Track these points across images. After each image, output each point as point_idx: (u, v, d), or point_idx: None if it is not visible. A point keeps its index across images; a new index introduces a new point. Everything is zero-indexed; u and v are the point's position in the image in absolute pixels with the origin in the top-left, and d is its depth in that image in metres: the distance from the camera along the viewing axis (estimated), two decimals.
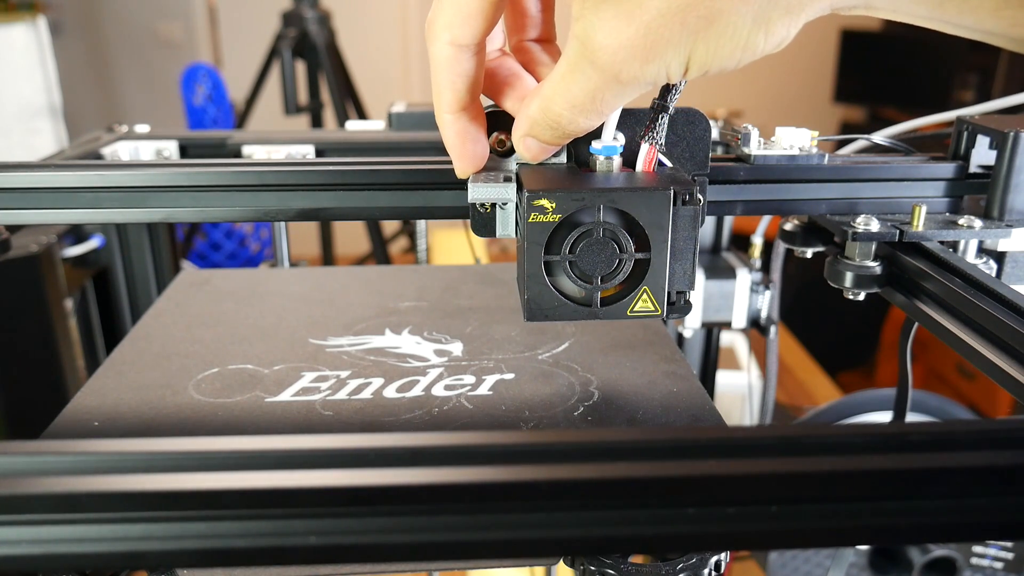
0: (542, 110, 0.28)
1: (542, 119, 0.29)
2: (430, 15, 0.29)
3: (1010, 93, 0.43)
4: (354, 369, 0.37)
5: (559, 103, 0.28)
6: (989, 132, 0.38)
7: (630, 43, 0.25)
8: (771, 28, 0.24)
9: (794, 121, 0.43)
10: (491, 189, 0.31)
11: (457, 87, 0.30)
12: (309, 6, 1.61)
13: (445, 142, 0.31)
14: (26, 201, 0.35)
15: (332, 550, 0.21)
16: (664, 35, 0.24)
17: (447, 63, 0.29)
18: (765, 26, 0.24)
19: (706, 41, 0.24)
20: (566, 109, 0.28)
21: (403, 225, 1.98)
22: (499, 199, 0.31)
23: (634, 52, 0.25)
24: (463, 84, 0.30)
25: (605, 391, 0.35)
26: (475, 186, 0.31)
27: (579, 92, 0.27)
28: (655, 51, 0.25)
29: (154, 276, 0.60)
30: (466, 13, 0.28)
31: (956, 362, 2.00)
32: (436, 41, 0.29)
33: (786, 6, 0.24)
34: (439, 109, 0.30)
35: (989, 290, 0.32)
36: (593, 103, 0.27)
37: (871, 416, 0.62)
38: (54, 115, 1.49)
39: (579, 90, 0.27)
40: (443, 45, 0.29)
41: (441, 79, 0.30)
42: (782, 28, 0.25)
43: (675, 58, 0.25)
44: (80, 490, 0.20)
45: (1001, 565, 0.60)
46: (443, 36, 0.29)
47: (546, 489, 0.21)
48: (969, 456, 0.21)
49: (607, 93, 0.27)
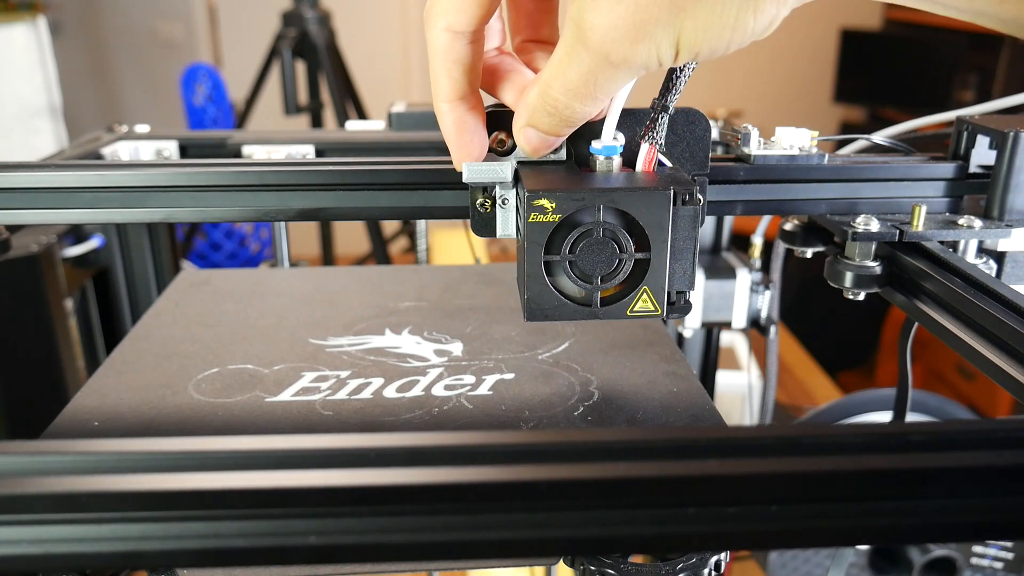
0: (540, 96, 0.28)
1: (540, 105, 0.29)
2: (428, 2, 0.29)
3: (1010, 93, 0.43)
4: (354, 369, 0.37)
5: (556, 87, 0.28)
6: (989, 132, 0.38)
7: (620, 22, 0.25)
8: (760, 6, 0.25)
9: (794, 121, 0.43)
10: (486, 169, 0.31)
11: (454, 75, 0.30)
12: (309, 6, 1.61)
13: (443, 132, 0.31)
14: (26, 201, 0.35)
15: (332, 550, 0.21)
16: (653, 13, 0.25)
17: (444, 50, 0.29)
18: (754, 4, 0.24)
19: (694, 18, 0.25)
20: (562, 94, 0.28)
21: (403, 225, 1.98)
22: (495, 179, 0.31)
23: (624, 32, 0.25)
24: (460, 72, 0.30)
25: (605, 391, 0.35)
26: (470, 166, 0.31)
27: (574, 76, 0.27)
28: (644, 30, 0.25)
29: (154, 276, 0.60)
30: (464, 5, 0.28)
31: (956, 362, 2.00)
32: (433, 28, 0.29)
33: None
34: (436, 98, 0.30)
35: (989, 290, 0.32)
36: (587, 86, 0.27)
37: (871, 416, 0.62)
38: (54, 115, 1.49)
39: (574, 74, 0.27)
40: (440, 32, 0.29)
41: (438, 66, 0.30)
42: (771, 7, 0.25)
43: (664, 38, 0.25)
44: (80, 490, 0.20)
45: (1001, 565, 0.60)
46: (439, 22, 0.29)
47: (546, 489, 0.21)
48: (969, 456, 0.21)
49: (600, 76, 0.27)
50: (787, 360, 1.37)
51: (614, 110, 0.31)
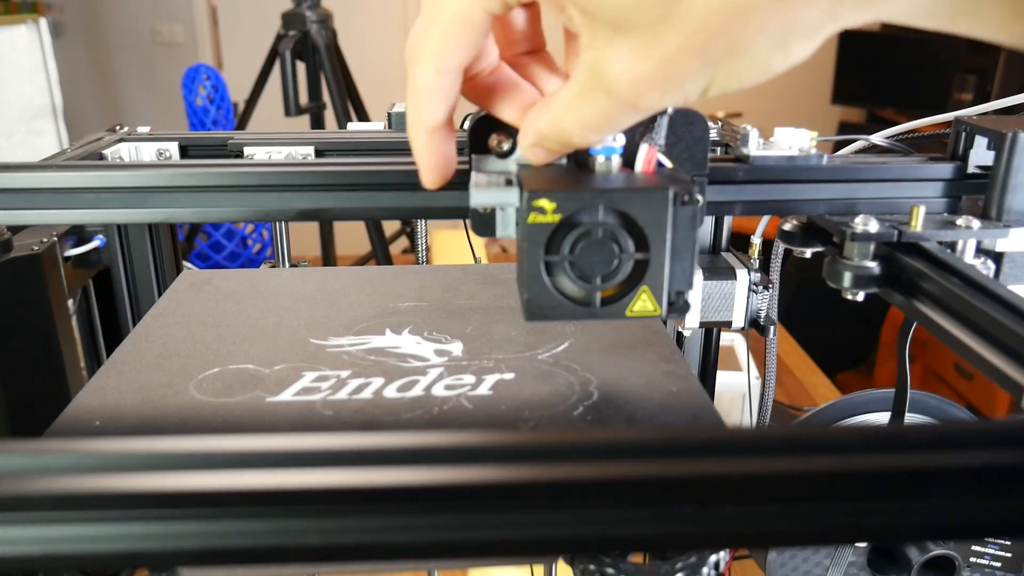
0: (552, 127, 0.28)
1: (551, 135, 0.29)
2: (412, 40, 0.29)
3: (1008, 94, 0.43)
4: (354, 369, 0.37)
5: (570, 123, 0.28)
6: (987, 133, 0.39)
7: (649, 77, 0.25)
8: (790, 51, 0.24)
9: (793, 122, 0.43)
10: (493, 194, 0.31)
11: (437, 109, 0.29)
12: (310, 7, 1.61)
13: (415, 155, 0.31)
14: (28, 201, 0.35)
15: (332, 550, 0.21)
16: (683, 68, 0.24)
17: (431, 89, 0.29)
18: (784, 50, 0.24)
19: (727, 70, 0.24)
20: (578, 128, 0.28)
21: (403, 225, 1.98)
22: (502, 203, 0.31)
23: (653, 84, 0.25)
24: (444, 105, 0.29)
25: (605, 391, 0.35)
26: (477, 191, 0.31)
27: (592, 116, 0.27)
28: (675, 83, 0.25)
29: (155, 276, 0.61)
30: (454, 43, 0.28)
31: (955, 362, 2.00)
32: (420, 68, 0.28)
33: (804, 30, 0.24)
34: (416, 127, 0.30)
35: (987, 290, 0.32)
36: (607, 125, 0.27)
37: (870, 416, 0.62)
38: (55, 116, 1.49)
39: (592, 114, 0.27)
40: (428, 72, 0.28)
41: (421, 102, 0.29)
42: (800, 50, 0.25)
43: (694, 86, 0.25)
44: (81, 489, 0.20)
45: (1000, 564, 0.60)
46: (429, 65, 0.28)
47: (546, 489, 0.21)
48: (967, 456, 0.21)
49: (623, 117, 0.27)
50: (786, 360, 1.37)
51: None
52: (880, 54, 2.84)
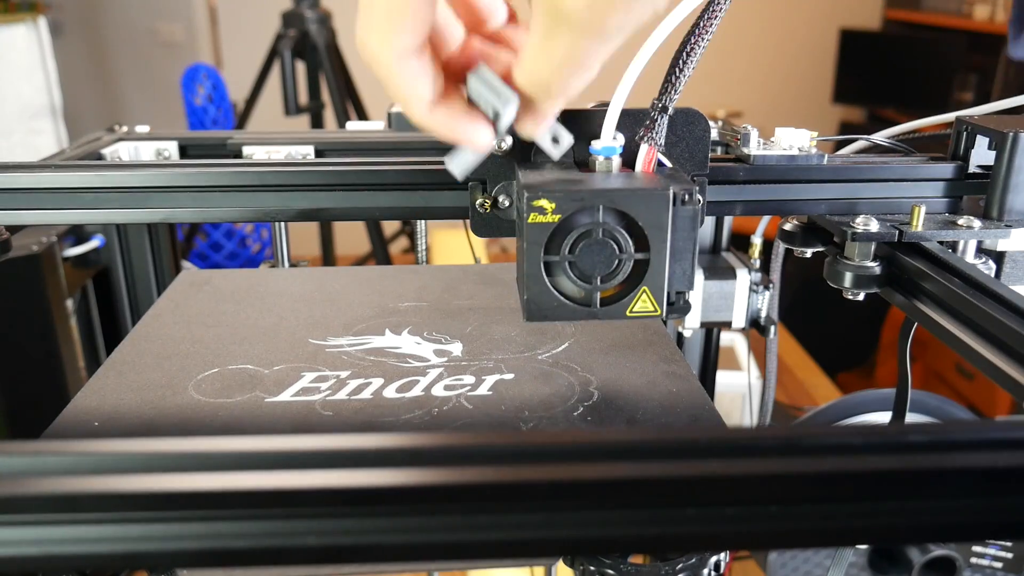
0: (529, 80, 0.27)
1: (531, 89, 0.28)
2: (360, 36, 0.27)
3: (1009, 94, 0.43)
4: (354, 369, 0.37)
5: (544, 69, 0.27)
6: (988, 132, 0.38)
7: None
8: None
9: (793, 122, 0.43)
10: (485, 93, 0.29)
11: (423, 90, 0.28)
12: (309, 6, 1.61)
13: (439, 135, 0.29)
14: (27, 201, 0.35)
15: (332, 550, 0.21)
16: None
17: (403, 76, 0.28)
18: None
19: None
20: (554, 72, 0.27)
21: (403, 225, 1.98)
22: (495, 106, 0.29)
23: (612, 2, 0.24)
24: (427, 80, 0.28)
25: (605, 391, 0.35)
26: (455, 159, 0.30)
27: (562, 54, 0.26)
28: None
29: (154, 276, 0.61)
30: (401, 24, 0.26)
31: (955, 362, 2.00)
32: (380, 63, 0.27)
33: None
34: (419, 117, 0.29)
35: (988, 290, 0.32)
36: (581, 61, 0.26)
37: (871, 416, 0.62)
38: (55, 115, 1.49)
39: (561, 52, 0.26)
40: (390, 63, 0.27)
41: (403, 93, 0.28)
42: None
43: None
44: (80, 490, 0.20)
45: (1000, 565, 0.60)
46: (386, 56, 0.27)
47: (546, 489, 0.21)
48: (968, 456, 0.21)
49: (593, 48, 0.25)
50: (787, 360, 1.37)
51: (613, 110, 0.31)
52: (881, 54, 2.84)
